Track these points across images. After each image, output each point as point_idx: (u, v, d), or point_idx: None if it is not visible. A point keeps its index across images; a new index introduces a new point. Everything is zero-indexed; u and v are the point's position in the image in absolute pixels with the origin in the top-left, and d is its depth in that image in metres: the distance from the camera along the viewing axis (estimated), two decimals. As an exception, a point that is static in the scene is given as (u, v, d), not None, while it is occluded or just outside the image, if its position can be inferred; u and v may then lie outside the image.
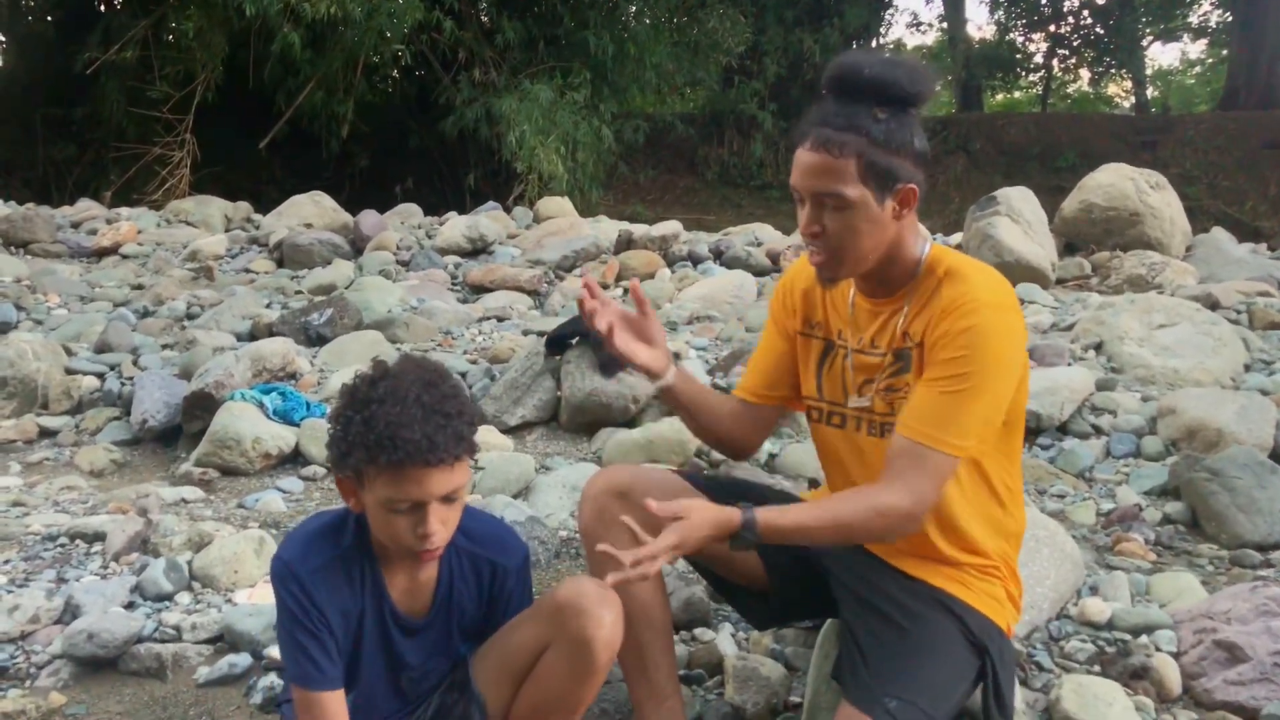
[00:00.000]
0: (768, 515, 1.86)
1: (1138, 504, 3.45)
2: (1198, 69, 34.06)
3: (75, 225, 8.34)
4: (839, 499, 1.94)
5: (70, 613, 2.82)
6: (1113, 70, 28.75)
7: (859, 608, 1.95)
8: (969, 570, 2.00)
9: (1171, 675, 2.43)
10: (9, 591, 2.90)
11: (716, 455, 3.58)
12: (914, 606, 1.93)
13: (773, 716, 2.40)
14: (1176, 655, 2.50)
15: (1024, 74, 29.10)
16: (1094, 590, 2.84)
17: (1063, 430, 4.03)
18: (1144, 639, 2.58)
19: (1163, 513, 3.41)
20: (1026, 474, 3.66)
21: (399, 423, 1.70)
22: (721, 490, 2.19)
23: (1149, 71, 30.47)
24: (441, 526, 1.78)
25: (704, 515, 1.83)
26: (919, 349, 1.91)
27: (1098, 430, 4.01)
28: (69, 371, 4.75)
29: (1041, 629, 2.64)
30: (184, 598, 2.93)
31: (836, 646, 2.18)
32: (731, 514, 1.85)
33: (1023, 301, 5.81)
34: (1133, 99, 29.27)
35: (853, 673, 1.87)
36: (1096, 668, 2.50)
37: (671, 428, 3.81)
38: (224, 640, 2.74)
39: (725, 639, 2.68)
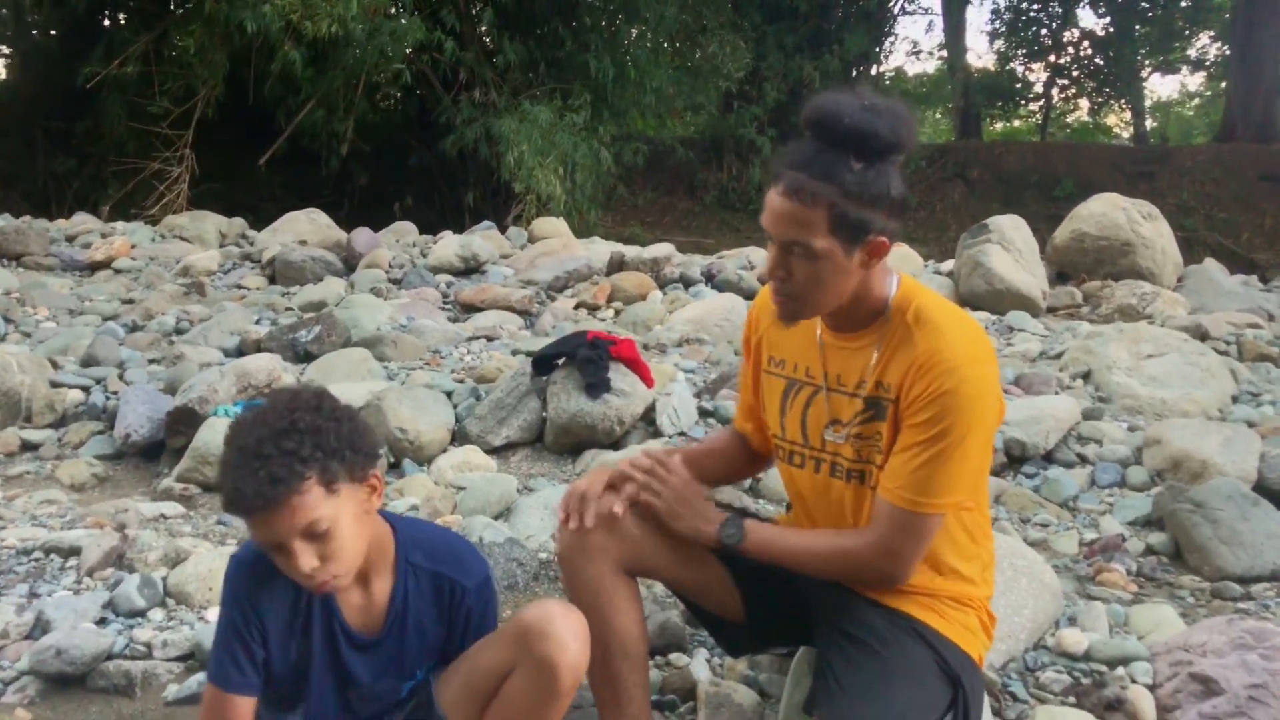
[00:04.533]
0: (756, 527, 1.98)
1: (1120, 534, 3.43)
2: (1196, 101, 34.21)
3: (70, 239, 8.34)
4: (825, 541, 1.98)
5: (40, 628, 2.80)
6: (1112, 101, 28.91)
7: (835, 634, 1.94)
8: (944, 600, 1.98)
9: (1146, 707, 2.41)
10: (-20, 606, 2.89)
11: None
12: (889, 634, 1.92)
13: (744, 744, 2.38)
14: (1152, 687, 2.49)
15: (1024, 103, 29.22)
16: (1072, 621, 2.82)
17: (1048, 459, 4.01)
18: (1120, 670, 2.57)
19: (1145, 543, 3.39)
20: (1011, 503, 3.65)
21: (225, 471, 1.72)
22: None
23: (1148, 103, 30.61)
24: (318, 561, 1.75)
25: (695, 506, 1.99)
26: (894, 404, 1.88)
27: (1083, 459, 3.99)
28: (54, 385, 4.74)
29: (1018, 659, 2.63)
30: (157, 614, 2.91)
31: (809, 675, 2.16)
32: (719, 517, 2.00)
33: (1011, 330, 5.82)
34: (1131, 129, 29.41)
35: (827, 699, 1.85)
36: (1071, 699, 2.48)
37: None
38: (194, 658, 2.72)
39: (700, 665, 2.66)
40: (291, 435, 1.71)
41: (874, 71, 22.18)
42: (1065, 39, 26.50)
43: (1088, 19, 37.22)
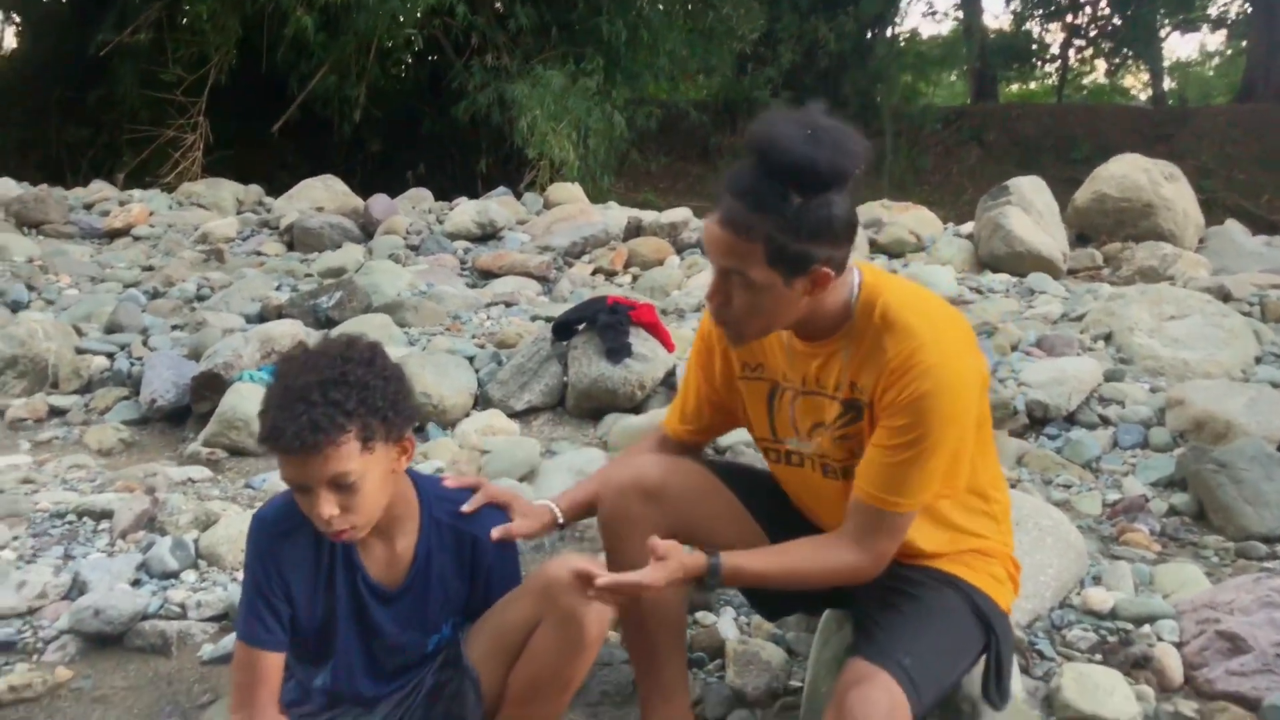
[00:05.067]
0: (732, 561, 1.90)
1: (1144, 495, 3.43)
2: (1216, 61, 33.84)
3: (88, 207, 8.35)
4: (801, 550, 1.94)
5: (77, 589, 2.84)
6: (1129, 61, 28.57)
7: (872, 589, 1.94)
8: (966, 554, 1.99)
9: (1173, 665, 2.43)
10: (17, 568, 2.93)
11: (723, 441, 3.58)
12: (925, 582, 1.94)
13: (773, 700, 2.41)
14: (1179, 645, 2.50)
15: (1040, 65, 28.93)
16: (1097, 580, 2.84)
17: (1070, 420, 4.01)
18: (1146, 629, 2.58)
19: (1169, 504, 3.39)
20: (1033, 464, 3.65)
21: (268, 405, 1.76)
22: (741, 481, 2.20)
23: (1166, 63, 30.28)
24: (337, 511, 1.78)
25: (681, 561, 1.87)
26: (870, 408, 1.86)
27: (1105, 421, 3.99)
28: (79, 351, 4.77)
29: (1044, 617, 2.64)
30: (189, 576, 2.95)
31: (838, 632, 2.19)
32: (699, 560, 1.89)
33: (1032, 292, 5.79)
34: (1149, 91, 29.09)
35: (866, 636, 1.87)
36: (1098, 657, 2.50)
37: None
38: (228, 618, 2.75)
39: (727, 623, 2.69)
40: (340, 386, 1.75)
41: (889, 33, 22.00)
42: (1082, -1, 26.21)
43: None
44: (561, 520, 2.15)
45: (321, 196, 8.48)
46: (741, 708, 2.36)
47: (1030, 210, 6.44)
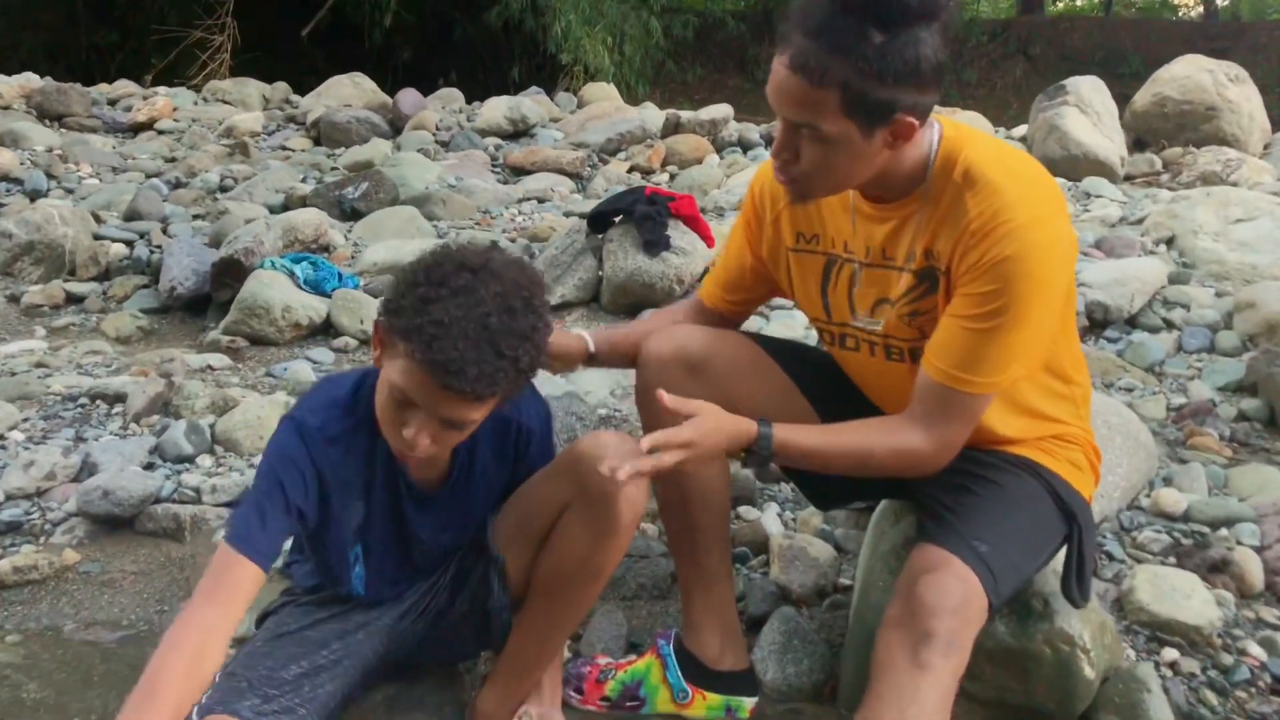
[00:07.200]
0: (785, 433, 1.68)
1: (1211, 400, 3.23)
2: (1272, -23, 32.58)
3: (112, 103, 8.17)
4: (861, 430, 1.72)
5: (88, 471, 2.72)
6: (1182, -24, 27.58)
7: (940, 474, 1.72)
8: (1049, 439, 1.80)
9: (1253, 569, 2.26)
10: (25, 448, 2.81)
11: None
12: (1001, 465, 1.74)
13: (820, 598, 2.26)
14: (1259, 549, 2.33)
15: (1089, -21, 28.00)
16: (1167, 482, 2.66)
17: (1131, 323, 3.81)
18: (1223, 532, 2.42)
19: (1238, 409, 3.19)
20: (1093, 367, 3.44)
21: (446, 329, 1.48)
22: (793, 358, 2.00)
23: (1221, -21, 29.18)
24: (431, 443, 1.58)
25: (719, 421, 1.65)
26: (946, 276, 1.64)
27: (1169, 324, 3.78)
28: (97, 238, 4.63)
29: (1112, 518, 2.47)
30: (205, 460, 2.82)
31: (894, 525, 2.01)
32: (748, 426, 1.67)
33: (1089, 196, 5.53)
34: (1200, 8, 28.07)
35: (937, 521, 1.67)
36: (1171, 559, 2.33)
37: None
38: (245, 503, 2.62)
39: (771, 518, 2.53)
40: (526, 344, 1.55)
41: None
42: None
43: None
44: (593, 349, 1.98)
45: (350, 94, 8.26)
46: (787, 604, 2.20)
47: (1088, 111, 6.12)
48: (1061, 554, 1.75)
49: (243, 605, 1.56)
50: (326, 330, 3.89)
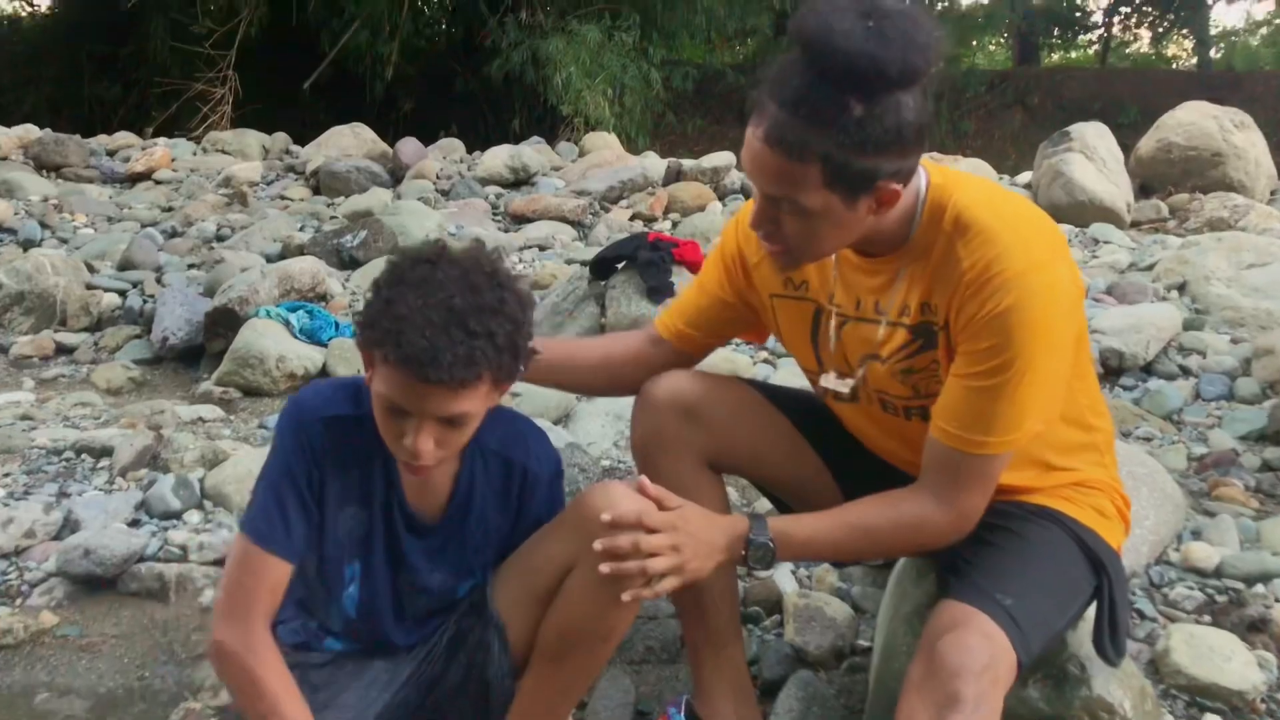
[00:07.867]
0: (782, 524, 1.60)
1: (1233, 449, 3.13)
2: (1263, 30, 32.86)
3: (110, 153, 8.13)
4: (868, 507, 1.62)
5: (69, 528, 2.61)
6: (1174, 30, 27.76)
7: None
8: (1069, 486, 1.69)
9: (1294, 628, 2.14)
10: (5, 505, 2.69)
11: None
12: (1023, 517, 1.63)
13: (838, 660, 2.14)
14: (1299, 607, 2.21)
15: (1082, 32, 28.21)
16: (1196, 535, 2.55)
17: (1147, 370, 3.71)
18: (1259, 588, 2.30)
19: (1261, 458, 3.09)
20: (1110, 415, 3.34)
21: (410, 320, 1.43)
22: (793, 404, 1.91)
23: (1212, 32, 29.41)
24: (433, 447, 1.51)
25: (707, 533, 1.59)
26: (945, 331, 1.55)
27: (1185, 371, 3.69)
28: (89, 288, 4.56)
29: (1141, 574, 2.36)
30: (193, 516, 2.71)
31: (917, 583, 1.90)
32: (738, 527, 1.60)
33: (1096, 242, 5.46)
34: (1194, 60, 28.28)
35: (957, 576, 1.56)
36: (1206, 618, 2.21)
37: (721, 356, 3.53)
38: (233, 562, 2.50)
39: (784, 575, 2.42)
40: (498, 317, 1.48)
41: (930, -6, 21.48)
42: (1129, -38, 25.48)
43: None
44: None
45: (350, 144, 8.22)
46: (803, 668, 2.08)
47: (1094, 157, 6.08)
48: (1092, 609, 1.64)
49: (274, 603, 1.61)
50: (322, 380, 3.79)
